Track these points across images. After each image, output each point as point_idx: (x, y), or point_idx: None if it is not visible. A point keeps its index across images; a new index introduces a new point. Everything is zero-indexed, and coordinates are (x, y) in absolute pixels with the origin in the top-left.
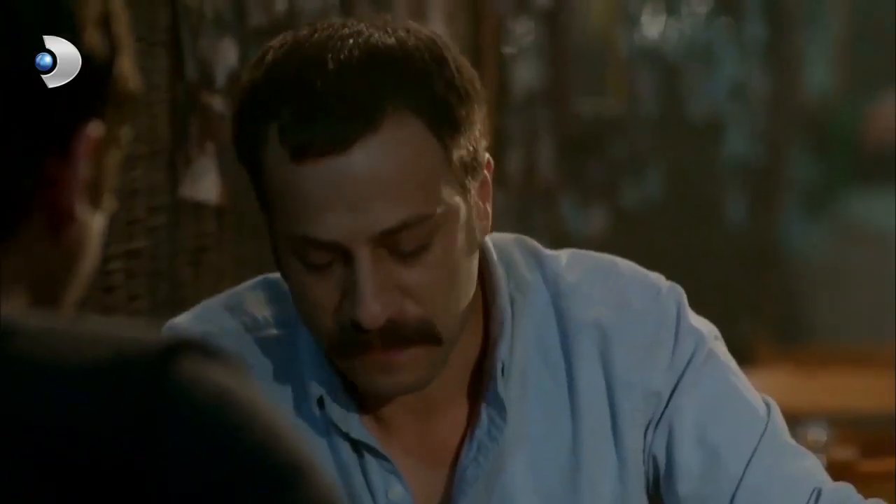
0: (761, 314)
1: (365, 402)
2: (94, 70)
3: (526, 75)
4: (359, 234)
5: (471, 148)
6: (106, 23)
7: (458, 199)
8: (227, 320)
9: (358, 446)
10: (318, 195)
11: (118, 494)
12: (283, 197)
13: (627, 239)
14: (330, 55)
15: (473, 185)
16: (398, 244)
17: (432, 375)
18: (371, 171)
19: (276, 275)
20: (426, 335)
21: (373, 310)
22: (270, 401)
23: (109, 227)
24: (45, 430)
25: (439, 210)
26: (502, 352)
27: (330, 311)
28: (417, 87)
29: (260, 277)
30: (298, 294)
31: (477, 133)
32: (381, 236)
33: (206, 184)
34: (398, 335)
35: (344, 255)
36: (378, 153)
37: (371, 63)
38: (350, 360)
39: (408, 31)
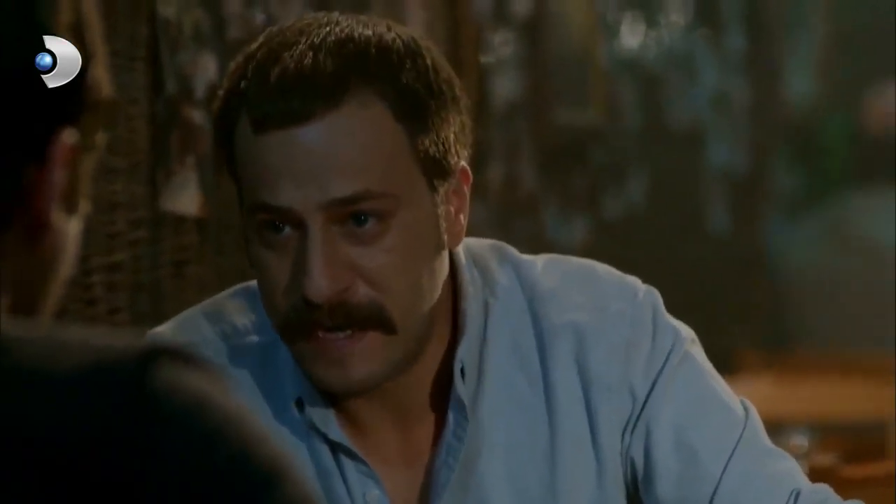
0: (745, 322)
1: (342, 406)
2: None
3: (506, 86)
4: (310, 201)
5: (440, 147)
6: (78, 30)
7: (421, 193)
8: (206, 329)
9: (336, 450)
10: (276, 164)
11: (100, 501)
12: (246, 170)
13: (610, 249)
14: (304, 38)
15: (442, 187)
16: (354, 223)
17: (386, 372)
18: (328, 145)
19: (256, 282)
20: (377, 320)
21: (318, 282)
22: (251, 407)
23: (90, 240)
24: (25, 439)
25: (398, 193)
26: (461, 353)
27: (284, 290)
28: (385, 73)
29: (239, 286)
30: (260, 276)
31: (450, 136)
32: (334, 207)
33: (186, 196)
34: (348, 316)
35: (300, 230)
36: (336, 129)
37: (342, 46)
38: (301, 344)
39: (389, 28)
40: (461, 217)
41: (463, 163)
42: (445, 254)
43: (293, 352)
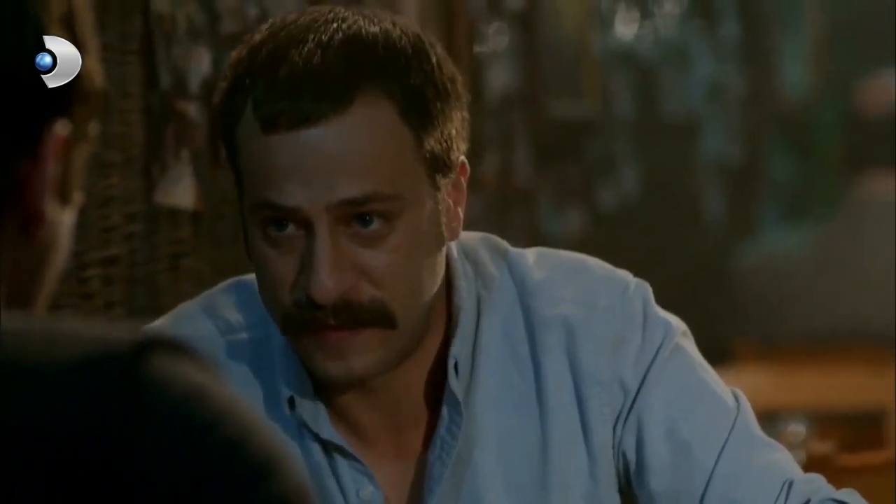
0: (740, 313)
1: (335, 403)
2: None
3: (500, 78)
4: (319, 202)
5: (443, 145)
6: (69, 22)
7: (425, 191)
8: (201, 325)
9: (328, 448)
10: (285, 164)
11: (94, 493)
12: (251, 167)
13: (605, 240)
14: (311, 35)
15: (444, 183)
16: (359, 224)
17: (385, 364)
18: (337, 146)
19: (250, 276)
20: (380, 317)
21: (326, 284)
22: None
23: (85, 234)
24: (18, 430)
25: (404, 195)
26: (455, 348)
27: (287, 286)
28: (393, 73)
29: (233, 280)
30: (260, 270)
31: (452, 132)
32: (342, 208)
33: (181, 190)
34: (352, 315)
35: (306, 229)
36: (345, 130)
37: (350, 45)
38: (303, 339)
39: (394, 24)
40: (459, 210)
41: (462, 157)
42: (445, 248)
43: (294, 345)
